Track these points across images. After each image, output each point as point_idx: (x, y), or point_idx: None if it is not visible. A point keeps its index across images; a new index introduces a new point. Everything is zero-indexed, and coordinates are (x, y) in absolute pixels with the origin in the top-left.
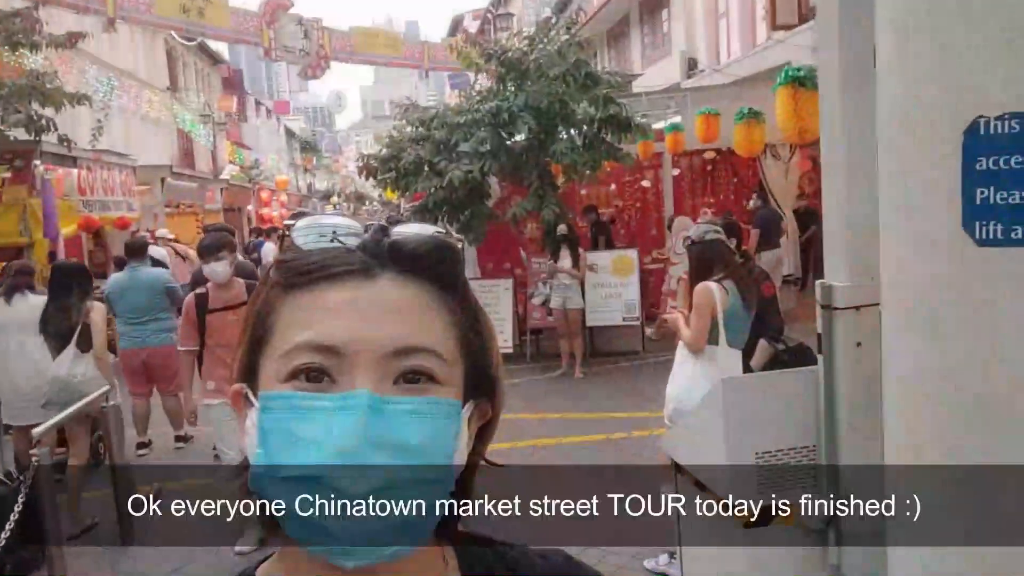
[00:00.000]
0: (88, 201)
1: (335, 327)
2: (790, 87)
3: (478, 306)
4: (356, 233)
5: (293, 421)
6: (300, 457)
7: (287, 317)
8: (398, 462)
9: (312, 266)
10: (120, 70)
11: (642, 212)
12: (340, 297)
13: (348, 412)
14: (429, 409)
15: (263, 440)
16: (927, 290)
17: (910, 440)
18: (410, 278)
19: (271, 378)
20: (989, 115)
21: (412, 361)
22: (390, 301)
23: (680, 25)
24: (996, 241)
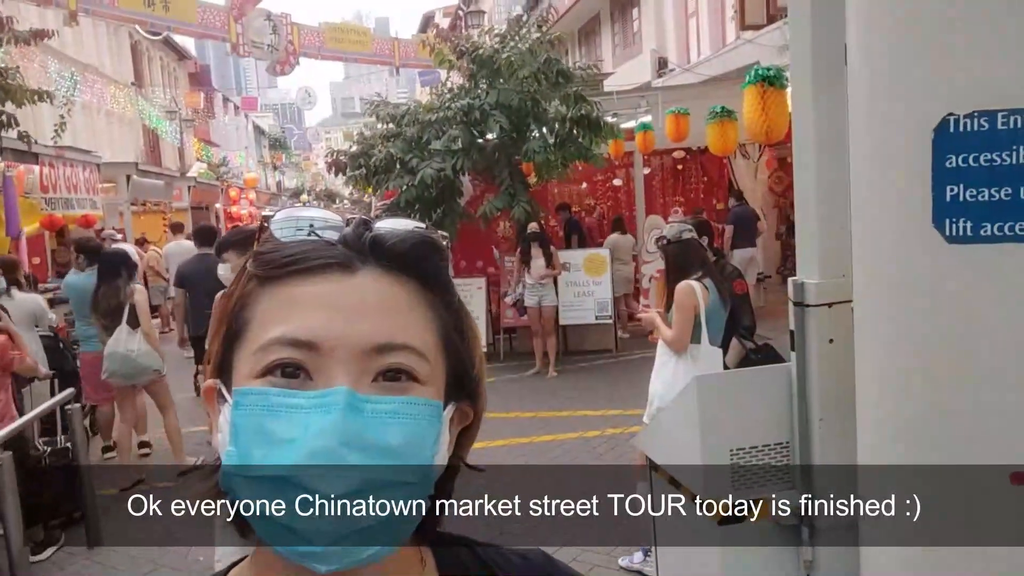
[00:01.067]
0: (51, 199)
1: (313, 321)
2: (758, 87)
3: (462, 306)
4: (336, 227)
5: (267, 418)
6: (273, 456)
7: (263, 311)
8: (376, 463)
9: (289, 259)
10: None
11: (613, 211)
12: (318, 291)
13: (325, 410)
14: (409, 410)
15: (235, 437)
16: (898, 287)
17: (882, 438)
18: (392, 274)
19: (245, 374)
20: (958, 113)
21: (392, 359)
22: (370, 296)
23: (650, 24)
24: (966, 238)
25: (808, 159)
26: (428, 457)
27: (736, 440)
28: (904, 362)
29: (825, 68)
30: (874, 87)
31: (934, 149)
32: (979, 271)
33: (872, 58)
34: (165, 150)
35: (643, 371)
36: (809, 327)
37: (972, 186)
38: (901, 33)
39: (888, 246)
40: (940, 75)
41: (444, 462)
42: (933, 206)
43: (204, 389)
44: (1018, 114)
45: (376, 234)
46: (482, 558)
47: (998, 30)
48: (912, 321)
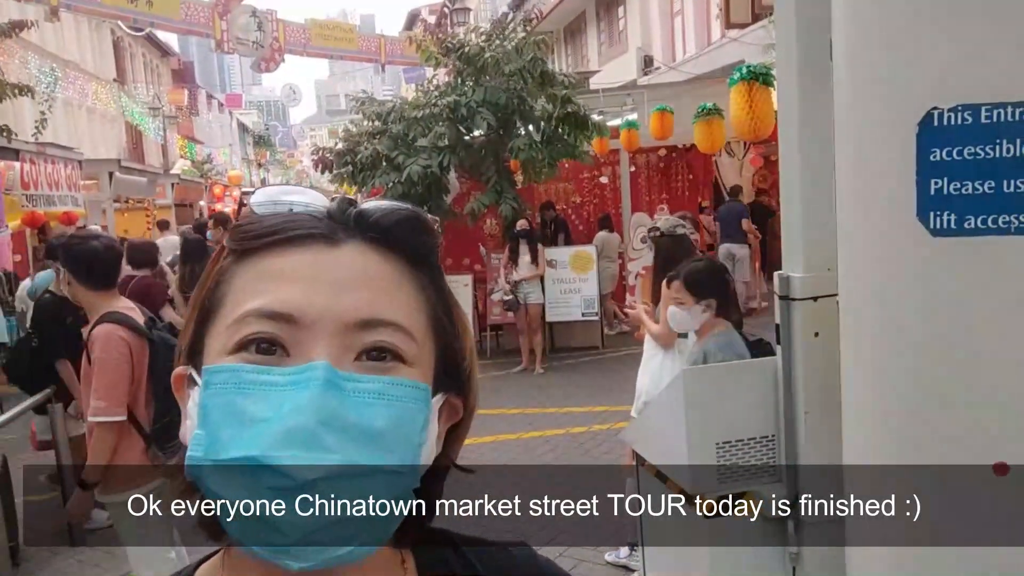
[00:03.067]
0: (32, 196)
1: (291, 293)
2: (745, 84)
3: (451, 294)
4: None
5: (238, 396)
6: (243, 438)
7: (239, 285)
8: (357, 447)
9: (268, 229)
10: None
11: (600, 209)
12: (299, 262)
13: (302, 387)
14: (395, 391)
15: (203, 419)
16: (883, 280)
17: (867, 433)
18: (378, 249)
19: (217, 350)
20: (943, 107)
21: (377, 335)
22: (355, 269)
23: (636, 22)
24: (950, 231)
25: (793, 153)
26: (414, 446)
27: (722, 434)
28: (889, 355)
29: (810, 63)
30: (859, 82)
31: (918, 143)
32: (963, 264)
33: (857, 53)
34: (148, 147)
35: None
36: (794, 321)
37: (956, 179)
38: (885, 28)
39: (873, 239)
40: (924, 69)
41: (431, 457)
42: (917, 199)
43: (173, 378)
44: (1001, 108)
45: (361, 208)
46: (467, 557)
47: (982, 24)
48: (897, 314)
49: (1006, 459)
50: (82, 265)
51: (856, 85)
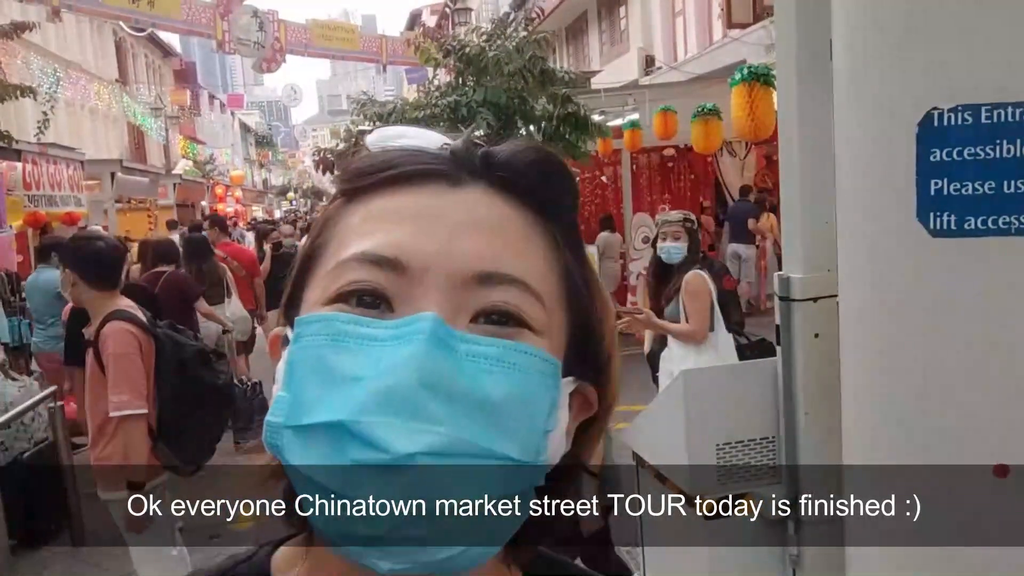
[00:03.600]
0: (34, 196)
1: (400, 235)
2: (746, 84)
3: (589, 261)
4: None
5: (330, 350)
6: (331, 399)
7: (344, 227)
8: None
9: (381, 163)
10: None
11: (601, 209)
12: (413, 202)
13: (404, 341)
14: (519, 359)
15: (289, 378)
16: (883, 281)
17: (867, 434)
18: (507, 195)
19: (313, 301)
20: (943, 107)
21: (500, 294)
22: (478, 214)
23: (637, 22)
24: (950, 232)
25: (793, 154)
26: (539, 432)
27: (722, 435)
28: (889, 356)
29: (810, 64)
30: (859, 82)
31: (918, 143)
32: (963, 264)
33: (857, 53)
34: (150, 147)
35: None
36: (795, 322)
37: (956, 180)
38: (886, 28)
39: (873, 240)
40: (924, 70)
41: (560, 452)
42: (917, 200)
43: (270, 341)
44: (1001, 108)
45: (490, 150)
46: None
47: (982, 24)
48: (897, 315)
49: (1007, 460)
50: (89, 265)
51: (856, 85)
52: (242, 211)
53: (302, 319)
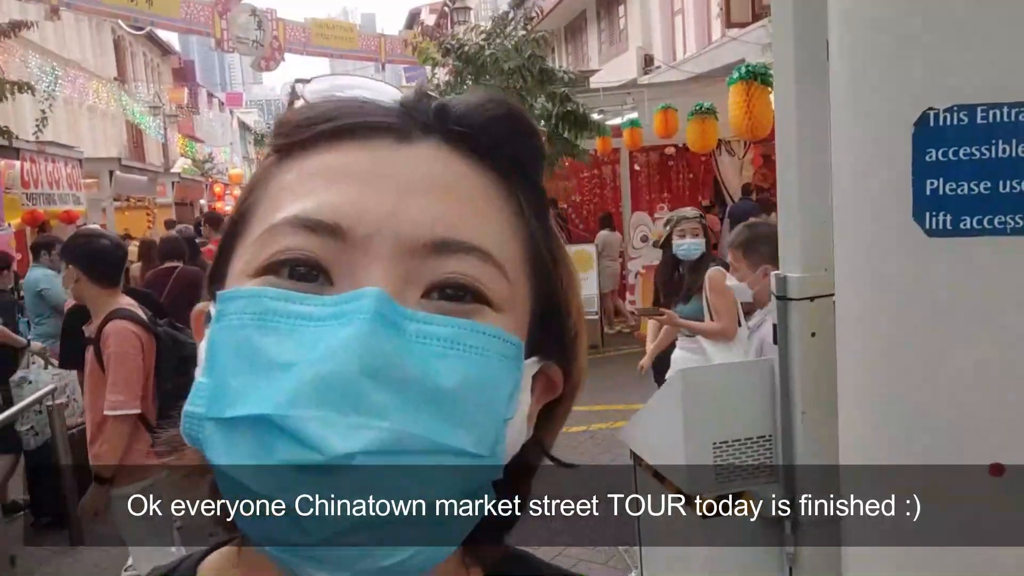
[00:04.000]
0: (32, 194)
1: (341, 196)
2: (744, 83)
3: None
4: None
5: (257, 332)
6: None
7: (275, 188)
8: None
9: (321, 115)
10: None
11: (600, 208)
12: (355, 159)
13: (344, 321)
14: (476, 341)
15: (210, 363)
16: (879, 280)
17: (864, 434)
18: (464, 153)
19: (239, 273)
20: (938, 107)
21: (457, 264)
22: (431, 172)
23: (636, 21)
24: (946, 232)
25: (790, 154)
26: (498, 421)
27: (719, 434)
28: (885, 356)
29: (807, 63)
30: (855, 82)
31: (914, 143)
32: (959, 264)
33: (853, 53)
34: (149, 146)
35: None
36: (791, 321)
37: (952, 180)
38: (882, 28)
39: (869, 240)
40: (920, 70)
41: (521, 440)
42: (913, 200)
43: (193, 318)
44: (997, 108)
45: (445, 102)
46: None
47: (978, 25)
48: (893, 314)
49: (1002, 460)
50: (94, 263)
51: (852, 85)
52: None
53: (225, 294)
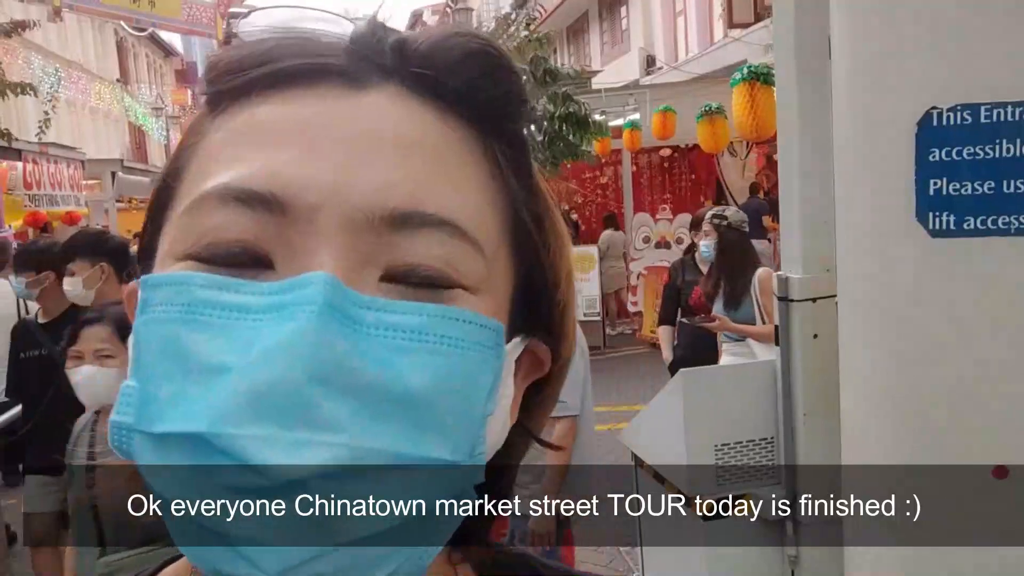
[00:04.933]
0: (34, 196)
1: (280, 162)
2: (747, 84)
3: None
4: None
5: (185, 327)
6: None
7: (204, 150)
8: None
9: (255, 57)
10: (67, 61)
11: (601, 209)
12: (295, 112)
13: (287, 314)
14: (447, 329)
15: (137, 362)
16: (881, 281)
17: (866, 435)
18: (429, 99)
19: (165, 252)
20: (941, 107)
21: (423, 242)
22: (388, 126)
23: (639, 22)
24: (949, 232)
25: (792, 154)
26: (476, 416)
27: (721, 435)
28: (887, 357)
29: (809, 62)
30: (857, 81)
31: (917, 143)
32: (963, 265)
33: (856, 52)
34: (151, 147)
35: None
36: (793, 322)
37: (955, 180)
38: (884, 27)
39: (871, 240)
40: (923, 69)
41: (506, 430)
42: (916, 200)
43: (125, 295)
44: (1001, 107)
45: (405, 37)
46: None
47: (981, 23)
48: (895, 316)
49: (1005, 461)
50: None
51: (855, 85)
52: None
53: (148, 279)
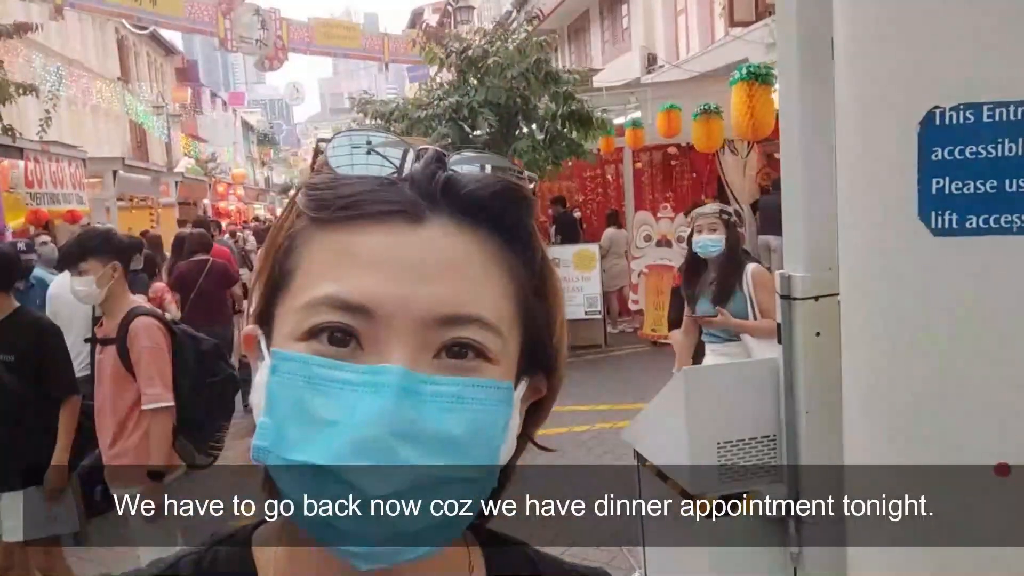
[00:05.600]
0: (36, 194)
1: (368, 282)
2: (745, 83)
3: (546, 262)
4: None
5: (307, 391)
6: (312, 439)
7: (310, 260)
8: (433, 460)
9: (345, 202)
10: (69, 59)
11: (603, 207)
12: (378, 244)
13: (376, 391)
14: (476, 393)
15: (270, 408)
16: (884, 280)
17: (868, 434)
18: (466, 227)
19: (287, 333)
20: (944, 106)
21: (459, 332)
22: (440, 255)
23: (640, 20)
24: (952, 231)
25: (795, 152)
26: (495, 449)
27: (723, 433)
28: (890, 355)
29: (812, 62)
30: (860, 80)
31: (920, 142)
32: (965, 264)
33: (858, 51)
34: (152, 145)
35: (632, 366)
36: (796, 320)
37: (958, 179)
38: (887, 26)
39: (874, 239)
40: (926, 68)
41: (511, 450)
42: (919, 199)
43: (244, 335)
44: (1003, 107)
45: (451, 176)
46: (536, 567)
47: (984, 23)
48: (898, 314)
49: (1008, 460)
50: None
51: (858, 84)
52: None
53: (280, 354)
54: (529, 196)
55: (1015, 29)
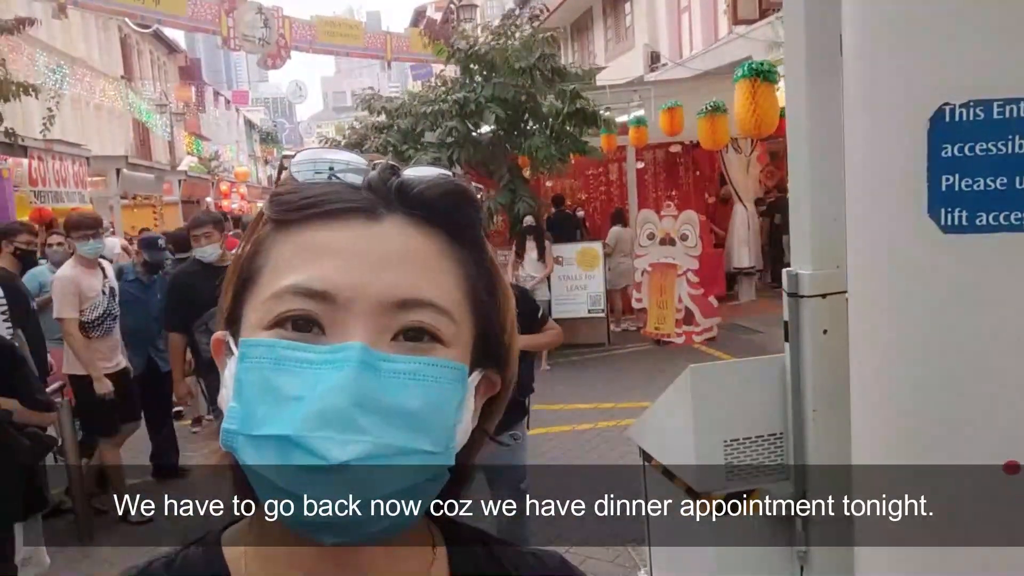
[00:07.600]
0: (40, 192)
1: (329, 270)
2: (749, 81)
3: (494, 264)
4: (359, 170)
5: (273, 372)
6: (278, 415)
7: (276, 258)
8: (391, 429)
9: (308, 201)
10: (72, 58)
11: (606, 205)
12: (338, 237)
13: (337, 366)
14: (431, 371)
15: (239, 393)
16: (893, 277)
17: (876, 432)
18: (419, 224)
19: (254, 324)
20: (954, 102)
21: (415, 316)
22: (395, 247)
23: (643, 18)
24: (961, 228)
25: (802, 150)
26: (450, 424)
27: (730, 431)
28: (898, 353)
29: (819, 58)
30: (869, 77)
31: (929, 139)
32: (974, 261)
33: (867, 48)
34: (155, 144)
35: (636, 364)
36: (803, 318)
37: (967, 176)
38: (896, 22)
39: (883, 236)
40: (935, 65)
41: (467, 435)
42: (928, 196)
43: (212, 342)
44: (1014, 103)
45: (404, 179)
46: (496, 555)
47: (993, 19)
48: (906, 311)
49: (1017, 458)
50: None
51: (866, 80)
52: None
53: (247, 341)
54: (475, 197)
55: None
